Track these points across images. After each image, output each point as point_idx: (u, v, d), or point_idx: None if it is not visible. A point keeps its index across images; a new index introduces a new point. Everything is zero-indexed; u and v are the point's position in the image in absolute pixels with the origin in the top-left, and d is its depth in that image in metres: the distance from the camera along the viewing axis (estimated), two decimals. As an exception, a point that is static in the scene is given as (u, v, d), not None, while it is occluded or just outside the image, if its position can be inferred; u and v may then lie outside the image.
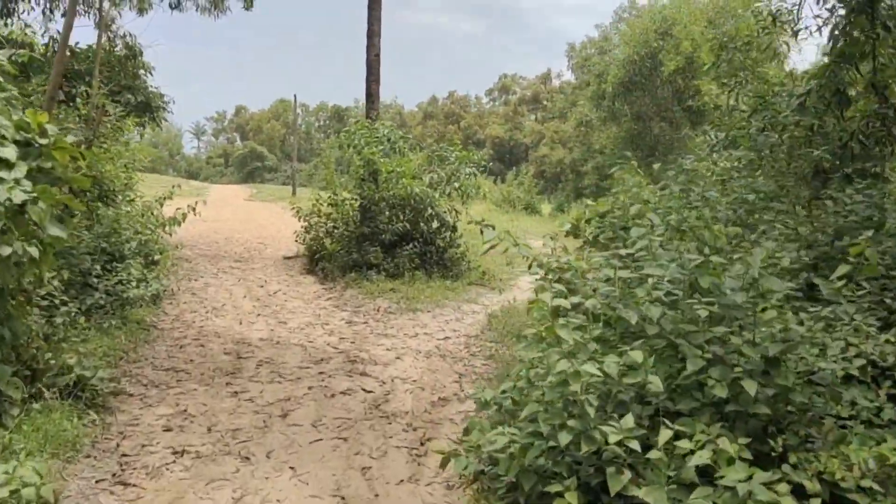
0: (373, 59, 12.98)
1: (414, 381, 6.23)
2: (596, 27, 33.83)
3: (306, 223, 13.07)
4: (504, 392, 4.22)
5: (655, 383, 3.50)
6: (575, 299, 4.16)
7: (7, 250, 4.07)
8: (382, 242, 11.51)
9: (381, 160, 11.53)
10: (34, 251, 4.21)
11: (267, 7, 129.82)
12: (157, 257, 8.70)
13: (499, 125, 70.45)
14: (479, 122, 73.64)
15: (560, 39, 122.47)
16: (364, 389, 5.98)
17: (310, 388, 5.97)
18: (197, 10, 15.44)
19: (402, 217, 11.65)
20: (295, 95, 59.79)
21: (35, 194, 4.21)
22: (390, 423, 5.19)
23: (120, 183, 8.47)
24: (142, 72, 14.67)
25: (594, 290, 4.22)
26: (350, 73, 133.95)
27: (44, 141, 4.54)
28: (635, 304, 3.86)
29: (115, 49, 12.73)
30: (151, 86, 14.42)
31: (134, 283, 7.52)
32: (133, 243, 8.33)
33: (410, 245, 11.50)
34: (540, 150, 55.77)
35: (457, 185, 12.07)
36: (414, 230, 11.74)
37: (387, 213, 11.85)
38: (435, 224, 12.00)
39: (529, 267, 4.64)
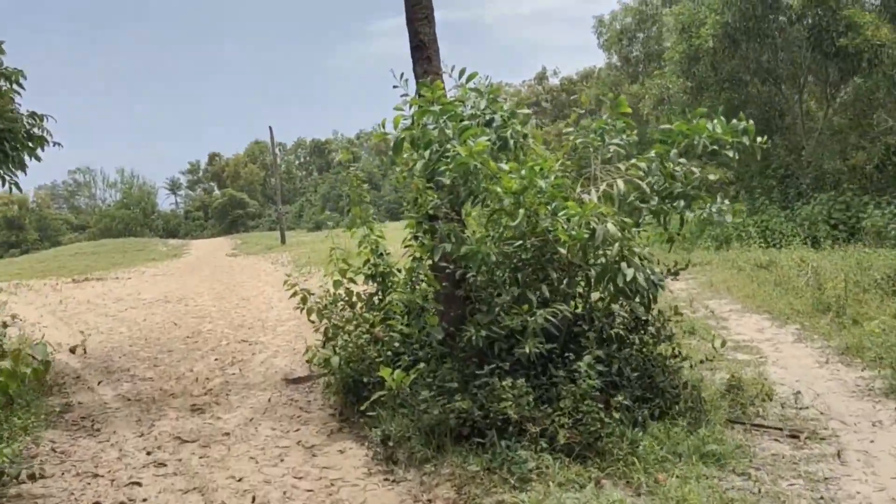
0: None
1: None
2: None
3: (326, 323, 6.35)
4: None
5: None
6: None
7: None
8: (519, 360, 4.83)
9: (496, 167, 4.87)
10: None
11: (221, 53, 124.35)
12: None
13: (496, 136, 64.05)
14: (474, 136, 67.28)
15: (525, 49, 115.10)
16: None
17: None
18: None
19: (550, 292, 4.98)
20: (270, 128, 52.74)
21: None
22: None
23: None
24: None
25: None
26: (317, 109, 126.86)
27: None
28: None
29: None
30: (14, 107, 7.70)
31: None
32: None
33: (587, 356, 4.82)
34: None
35: (659, 203, 5.41)
36: (583, 318, 5.09)
37: (508, 281, 5.21)
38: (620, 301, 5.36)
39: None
